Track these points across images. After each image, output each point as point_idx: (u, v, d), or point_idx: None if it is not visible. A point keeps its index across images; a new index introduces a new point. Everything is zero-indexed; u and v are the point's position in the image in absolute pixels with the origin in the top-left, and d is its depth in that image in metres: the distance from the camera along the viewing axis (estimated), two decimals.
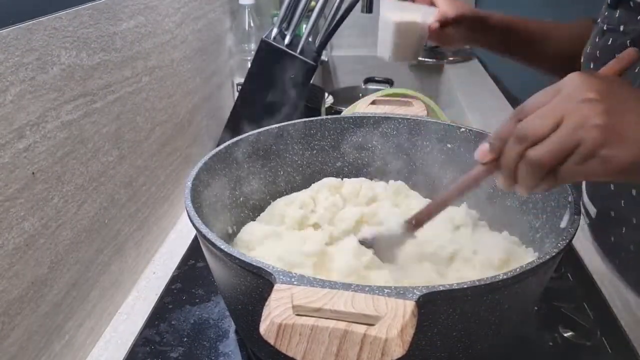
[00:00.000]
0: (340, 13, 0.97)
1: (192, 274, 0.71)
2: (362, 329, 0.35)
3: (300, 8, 0.97)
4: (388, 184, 0.72)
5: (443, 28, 0.82)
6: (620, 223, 0.68)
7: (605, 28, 0.68)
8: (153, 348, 0.59)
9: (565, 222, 0.52)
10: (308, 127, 0.73)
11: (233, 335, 0.61)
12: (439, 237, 0.60)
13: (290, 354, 0.36)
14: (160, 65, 0.78)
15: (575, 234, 0.48)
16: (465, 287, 0.40)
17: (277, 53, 0.95)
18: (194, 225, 0.49)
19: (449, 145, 0.71)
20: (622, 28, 0.66)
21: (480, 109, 1.24)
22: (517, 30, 0.90)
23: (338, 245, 0.60)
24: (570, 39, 0.86)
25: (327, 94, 1.24)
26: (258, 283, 0.43)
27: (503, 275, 0.41)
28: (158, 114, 0.77)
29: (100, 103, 0.61)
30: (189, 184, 0.56)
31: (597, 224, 0.74)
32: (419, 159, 0.73)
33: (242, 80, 1.02)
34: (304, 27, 1.00)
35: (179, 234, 0.84)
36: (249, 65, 1.00)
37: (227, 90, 1.13)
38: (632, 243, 0.67)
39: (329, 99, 1.26)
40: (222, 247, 0.45)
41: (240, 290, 0.48)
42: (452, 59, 1.58)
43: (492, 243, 0.59)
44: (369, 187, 0.71)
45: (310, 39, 0.99)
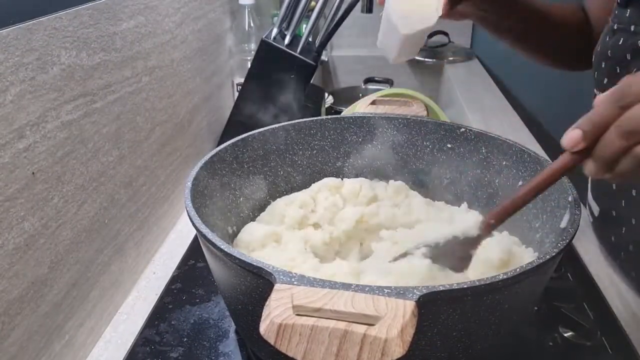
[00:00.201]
0: (340, 13, 0.97)
1: (192, 274, 0.71)
2: (362, 329, 0.35)
3: (300, 8, 0.97)
4: (388, 184, 0.72)
5: (453, 8, 0.71)
6: (621, 223, 0.68)
7: (616, 27, 0.66)
8: (153, 348, 0.60)
9: (565, 222, 0.52)
10: (308, 127, 0.73)
11: (233, 335, 0.61)
12: (439, 237, 0.60)
13: (290, 354, 0.36)
14: (160, 65, 0.78)
15: (576, 234, 0.48)
16: (465, 287, 0.40)
17: (277, 53, 0.95)
18: (194, 225, 0.49)
19: (449, 145, 0.71)
20: (632, 28, 0.64)
21: (480, 109, 1.24)
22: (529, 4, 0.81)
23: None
24: (564, 23, 0.83)
25: (327, 94, 1.24)
26: (258, 283, 0.43)
27: (503, 275, 0.41)
28: (158, 114, 0.77)
29: (100, 103, 0.61)
30: (189, 184, 0.56)
31: (599, 223, 0.74)
32: (419, 159, 0.73)
33: (242, 80, 1.02)
34: (304, 27, 1.00)
35: (179, 234, 0.84)
36: (249, 65, 1.00)
37: (227, 90, 1.13)
38: (631, 243, 0.67)
39: (329, 99, 1.26)
40: (222, 247, 0.45)
41: (240, 290, 0.48)
42: (452, 59, 1.58)
43: (492, 243, 0.59)
44: (369, 187, 0.71)
45: (310, 39, 0.99)
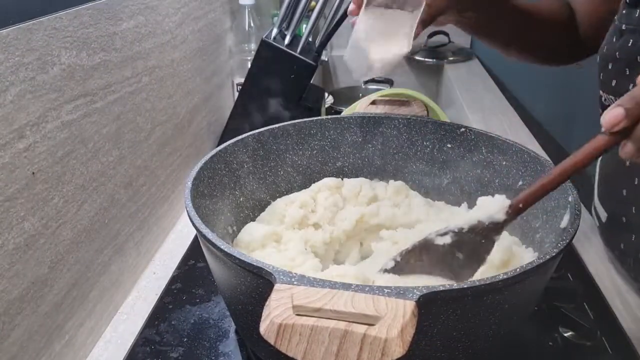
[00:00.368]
0: (340, 13, 0.97)
1: (192, 274, 0.71)
2: (362, 329, 0.35)
3: (300, 8, 0.97)
4: (388, 184, 0.72)
5: (425, 28, 0.67)
6: (631, 230, 0.66)
7: (624, 28, 0.63)
8: (153, 348, 0.60)
9: (565, 222, 0.52)
10: (308, 127, 0.73)
11: (233, 335, 0.61)
12: None
13: (290, 354, 0.36)
14: (161, 65, 0.78)
15: (576, 234, 0.48)
16: (465, 287, 0.40)
17: (277, 53, 0.95)
18: (194, 226, 0.49)
19: (449, 145, 0.71)
20: None
21: (480, 109, 1.24)
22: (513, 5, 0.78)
23: None
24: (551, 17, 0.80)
25: (327, 94, 1.24)
26: (258, 283, 0.43)
27: (503, 275, 0.41)
28: (158, 114, 0.77)
29: (101, 103, 0.61)
30: (189, 184, 0.56)
31: (607, 229, 0.72)
32: (419, 159, 0.73)
33: (242, 80, 1.02)
34: (304, 27, 1.00)
35: (179, 234, 0.84)
36: (249, 65, 1.00)
37: (227, 90, 1.13)
38: None
39: (329, 99, 1.26)
40: (222, 247, 0.45)
41: (241, 291, 0.48)
42: (452, 59, 1.58)
43: None
44: (369, 187, 0.71)
45: (310, 39, 0.99)
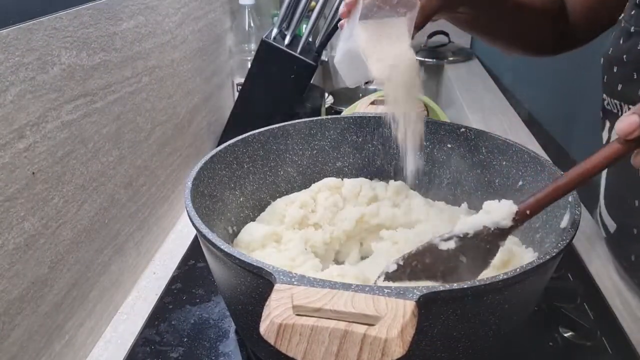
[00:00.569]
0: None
1: (192, 274, 0.71)
2: (362, 329, 0.35)
3: (300, 8, 0.97)
4: (388, 184, 0.72)
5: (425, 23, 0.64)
6: None
7: (633, 30, 0.62)
8: (153, 348, 0.60)
9: (565, 222, 0.52)
10: (308, 127, 0.73)
11: (233, 335, 0.61)
12: None
13: (291, 354, 0.36)
14: (161, 66, 0.78)
15: (576, 234, 0.48)
16: (466, 287, 0.40)
17: (277, 53, 0.95)
18: (194, 226, 0.49)
19: (449, 145, 0.71)
20: None
21: (480, 109, 1.24)
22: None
23: None
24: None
25: (327, 94, 1.24)
26: (258, 283, 0.43)
27: (503, 275, 0.41)
28: (158, 114, 0.77)
29: (101, 103, 0.61)
30: (189, 184, 0.56)
31: (616, 240, 0.71)
32: (419, 159, 0.73)
33: (242, 80, 1.02)
34: (304, 27, 1.00)
35: (179, 234, 0.84)
36: (249, 65, 1.00)
37: (227, 90, 1.13)
38: None
39: (329, 99, 1.26)
40: (222, 247, 0.45)
41: (241, 291, 0.48)
42: (452, 59, 1.58)
43: None
44: (369, 187, 0.71)
45: (310, 39, 0.99)
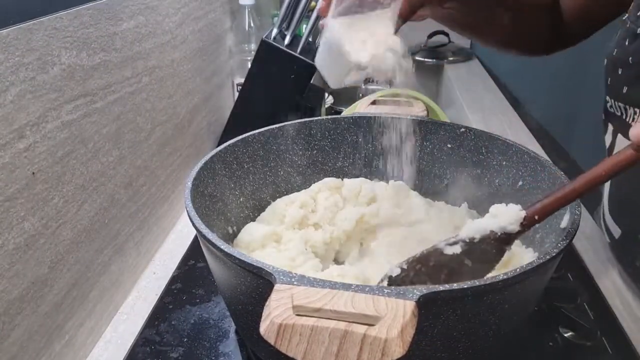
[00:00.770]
0: None
1: (192, 274, 0.71)
2: (362, 329, 0.35)
3: (300, 8, 0.97)
4: (388, 184, 0.72)
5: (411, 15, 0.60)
6: None
7: (639, 32, 0.60)
8: (153, 348, 0.60)
9: (565, 222, 0.52)
10: (308, 127, 0.73)
11: (233, 335, 0.61)
12: (439, 237, 0.60)
13: (291, 354, 0.36)
14: (161, 66, 0.78)
15: (576, 234, 0.48)
16: (466, 287, 0.40)
17: (277, 53, 0.95)
18: (194, 226, 0.49)
19: (449, 145, 0.71)
20: None
21: (480, 109, 1.24)
22: None
23: None
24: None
25: (327, 94, 1.24)
26: (258, 283, 0.43)
27: (503, 276, 0.41)
28: (158, 114, 0.77)
29: (101, 103, 0.61)
30: (189, 184, 0.56)
31: (620, 246, 0.70)
32: (419, 159, 0.73)
33: (242, 80, 1.02)
34: (304, 27, 1.00)
35: (179, 234, 0.84)
36: (249, 65, 1.00)
37: (227, 90, 1.13)
38: None
39: (329, 99, 1.26)
40: (222, 247, 0.45)
41: (241, 291, 0.48)
42: (452, 59, 1.58)
43: None
44: (369, 187, 0.71)
45: (310, 39, 0.99)
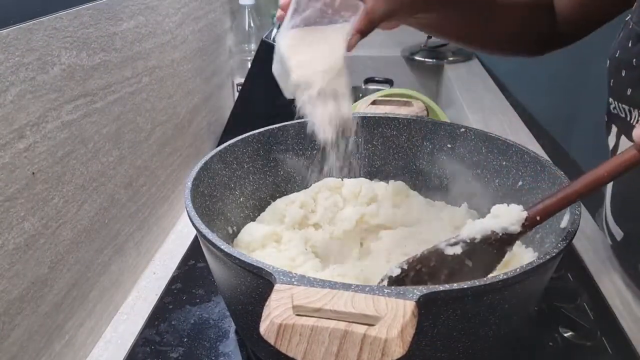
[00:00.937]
0: None
1: (192, 274, 0.71)
2: (362, 329, 0.35)
3: None
4: (388, 184, 0.72)
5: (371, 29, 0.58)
6: None
7: None
8: (153, 348, 0.60)
9: (565, 222, 0.52)
10: (308, 127, 0.73)
11: (233, 335, 0.61)
12: (439, 237, 0.60)
13: (291, 354, 0.36)
14: (161, 66, 0.78)
15: (576, 234, 0.48)
16: (466, 287, 0.40)
17: None
18: (194, 226, 0.49)
19: (449, 145, 0.71)
20: None
21: (480, 109, 1.24)
22: None
23: None
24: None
25: None
26: (258, 283, 0.43)
27: (503, 276, 0.41)
28: (158, 114, 0.77)
29: (101, 103, 0.61)
30: (189, 184, 0.56)
31: (623, 248, 0.70)
32: (419, 159, 0.73)
33: (242, 80, 1.02)
34: None
35: (179, 234, 0.84)
36: (249, 65, 1.00)
37: (227, 90, 1.13)
38: None
39: None
40: (222, 247, 0.45)
41: (241, 291, 0.48)
42: (452, 59, 1.58)
43: None
44: (369, 187, 0.71)
45: None
